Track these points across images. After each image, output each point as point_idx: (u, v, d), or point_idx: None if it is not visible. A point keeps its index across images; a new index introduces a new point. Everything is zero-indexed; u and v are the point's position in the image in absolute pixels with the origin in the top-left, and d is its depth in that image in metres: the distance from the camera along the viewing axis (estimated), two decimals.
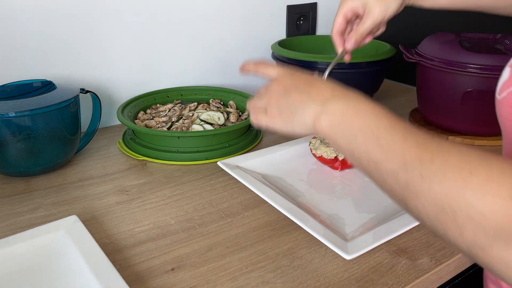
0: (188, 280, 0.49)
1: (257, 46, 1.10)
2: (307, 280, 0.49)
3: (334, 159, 0.71)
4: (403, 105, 1.06)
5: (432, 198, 0.34)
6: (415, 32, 0.70)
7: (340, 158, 0.71)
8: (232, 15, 1.03)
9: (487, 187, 0.32)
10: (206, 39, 1.01)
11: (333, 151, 0.69)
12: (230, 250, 0.54)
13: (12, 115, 0.65)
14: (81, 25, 0.85)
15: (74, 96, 0.72)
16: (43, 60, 0.83)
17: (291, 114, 0.49)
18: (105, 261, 0.49)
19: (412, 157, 0.37)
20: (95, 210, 0.63)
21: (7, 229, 0.58)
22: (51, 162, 0.72)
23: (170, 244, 0.56)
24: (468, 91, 0.80)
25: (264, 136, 0.88)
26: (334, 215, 0.61)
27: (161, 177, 0.72)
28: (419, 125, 0.91)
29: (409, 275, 0.50)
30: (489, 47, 0.83)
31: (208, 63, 1.04)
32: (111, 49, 0.90)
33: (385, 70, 0.98)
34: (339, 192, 0.68)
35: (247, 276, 0.50)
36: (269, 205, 0.63)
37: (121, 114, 0.80)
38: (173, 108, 0.90)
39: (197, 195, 0.67)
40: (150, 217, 0.61)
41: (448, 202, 0.33)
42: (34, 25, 0.80)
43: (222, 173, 0.73)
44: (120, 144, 0.82)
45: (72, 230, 0.54)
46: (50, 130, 0.69)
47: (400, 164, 0.37)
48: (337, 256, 0.53)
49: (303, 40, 1.13)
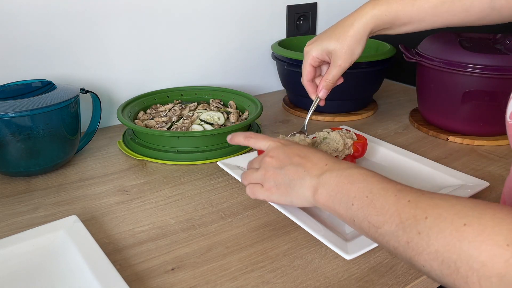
0: (188, 280, 0.49)
1: (257, 46, 1.10)
2: (307, 280, 0.49)
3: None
4: (403, 105, 1.06)
5: (433, 253, 0.35)
6: (415, 32, 0.70)
7: (341, 159, 0.71)
8: (232, 15, 1.03)
9: (483, 237, 0.32)
10: (206, 39, 1.01)
11: (333, 151, 0.69)
12: (230, 250, 0.54)
13: (12, 115, 0.65)
14: (81, 25, 0.85)
15: (74, 96, 0.72)
16: (43, 60, 0.83)
17: (288, 188, 0.52)
18: (105, 261, 0.49)
19: (407, 216, 0.38)
20: (95, 210, 0.63)
21: (7, 229, 0.58)
22: (51, 162, 0.72)
23: (170, 244, 0.56)
24: (468, 91, 0.80)
25: None
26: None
27: (161, 177, 0.72)
28: (419, 125, 0.91)
29: (409, 275, 0.50)
30: (489, 47, 0.83)
31: (208, 63, 1.04)
32: (111, 49, 0.90)
33: (385, 70, 0.98)
34: None
35: (247, 276, 0.50)
36: (269, 205, 0.63)
37: (121, 114, 0.80)
38: (173, 108, 0.90)
39: (197, 195, 0.67)
40: (150, 217, 0.61)
41: (448, 255, 0.34)
42: (34, 25, 0.80)
43: (222, 173, 0.73)
44: (120, 144, 0.82)
45: (72, 230, 0.54)
46: (50, 130, 0.69)
47: (398, 224, 0.39)
48: (337, 256, 0.53)
49: (303, 40, 1.12)
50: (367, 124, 0.95)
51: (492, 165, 0.76)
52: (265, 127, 0.93)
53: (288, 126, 0.94)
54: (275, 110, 1.04)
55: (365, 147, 0.72)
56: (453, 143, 0.85)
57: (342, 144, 0.68)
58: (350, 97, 0.98)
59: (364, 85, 0.97)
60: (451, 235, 0.34)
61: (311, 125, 0.94)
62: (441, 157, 0.79)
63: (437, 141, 0.86)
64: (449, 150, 0.82)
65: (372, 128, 0.93)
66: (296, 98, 1.03)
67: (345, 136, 0.70)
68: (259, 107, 0.85)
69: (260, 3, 1.07)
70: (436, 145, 0.84)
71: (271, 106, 1.07)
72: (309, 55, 0.68)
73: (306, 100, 1.00)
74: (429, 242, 0.35)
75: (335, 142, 0.69)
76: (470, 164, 0.76)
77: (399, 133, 0.90)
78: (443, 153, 0.80)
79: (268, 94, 1.16)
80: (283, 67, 0.99)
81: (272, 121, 0.97)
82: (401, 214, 0.39)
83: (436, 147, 0.83)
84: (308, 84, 0.71)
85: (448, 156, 0.79)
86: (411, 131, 0.91)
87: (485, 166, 0.75)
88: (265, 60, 1.13)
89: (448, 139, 0.86)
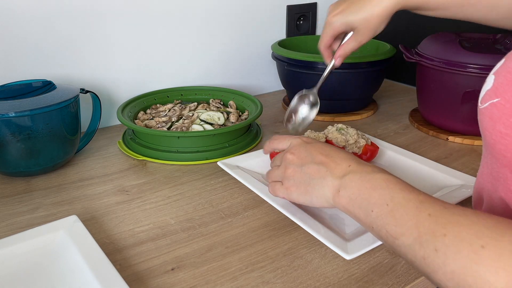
0: (188, 280, 0.49)
1: (257, 46, 1.10)
2: (307, 280, 0.49)
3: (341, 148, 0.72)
4: (403, 105, 1.06)
5: (448, 273, 0.34)
6: (415, 32, 0.70)
7: None
8: (232, 15, 1.03)
9: (500, 262, 0.32)
10: (206, 39, 1.01)
11: (344, 140, 0.71)
12: (230, 250, 0.54)
13: (12, 115, 0.65)
14: (81, 25, 0.85)
15: (74, 96, 0.72)
16: (43, 60, 0.83)
17: (308, 186, 0.51)
18: (105, 261, 0.49)
19: (426, 231, 0.37)
20: (95, 210, 0.63)
21: (7, 229, 0.58)
22: (51, 162, 0.72)
23: (170, 244, 0.56)
24: (468, 91, 0.80)
25: (264, 136, 0.88)
26: (334, 215, 0.61)
27: (161, 177, 0.72)
28: (419, 125, 0.91)
29: (409, 275, 0.50)
30: (489, 47, 0.83)
31: (208, 63, 1.04)
32: (111, 49, 0.90)
33: (385, 70, 0.98)
34: None
35: (247, 276, 0.50)
36: (269, 205, 0.63)
37: (121, 114, 0.80)
38: (173, 108, 0.90)
39: (197, 195, 0.67)
40: (150, 217, 0.61)
41: (464, 278, 0.33)
42: (34, 25, 0.80)
43: (222, 173, 0.73)
44: (120, 144, 0.82)
45: (72, 230, 0.54)
46: (50, 130, 0.69)
47: (416, 238, 0.38)
48: (337, 256, 0.53)
49: (303, 40, 1.13)
50: (367, 124, 0.95)
51: None
52: (265, 127, 0.93)
53: None
54: (275, 110, 1.04)
55: (375, 154, 0.74)
56: (453, 143, 0.85)
57: (354, 140, 0.71)
58: (350, 97, 0.98)
59: (364, 85, 0.97)
60: (469, 257, 0.33)
61: (312, 125, 0.94)
62: (441, 157, 0.79)
63: (437, 141, 0.86)
64: (449, 150, 0.82)
65: (372, 128, 0.93)
66: None
67: (361, 136, 0.73)
68: (259, 107, 0.85)
69: (260, 3, 1.07)
70: (436, 145, 0.84)
71: (271, 106, 1.07)
72: (332, 27, 0.67)
73: None
74: (445, 261, 0.35)
75: (350, 135, 0.72)
76: (470, 164, 0.76)
77: (399, 133, 0.90)
78: (443, 153, 0.80)
79: (268, 94, 1.16)
80: (283, 67, 0.99)
81: (272, 121, 0.97)
82: (419, 228, 0.38)
83: (436, 147, 0.83)
84: (324, 50, 0.71)
85: (448, 156, 0.79)
86: (411, 131, 0.91)
87: None
88: (265, 60, 1.13)
89: (448, 139, 0.86)
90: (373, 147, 0.73)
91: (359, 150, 0.72)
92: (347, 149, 0.72)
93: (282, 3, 1.11)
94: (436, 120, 0.89)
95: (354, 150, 0.72)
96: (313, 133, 0.73)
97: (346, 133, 0.73)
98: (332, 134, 0.73)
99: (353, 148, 0.72)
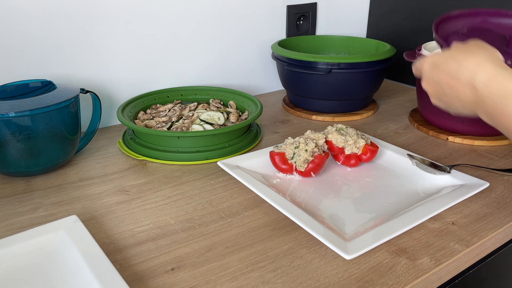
0: (188, 280, 0.49)
1: (257, 46, 1.10)
2: (307, 280, 0.49)
3: (340, 149, 0.73)
4: (403, 105, 1.06)
5: None
6: (415, 32, 0.70)
7: (346, 152, 0.73)
8: (232, 15, 1.03)
9: None
10: (206, 39, 1.01)
11: (343, 140, 0.71)
12: (230, 250, 0.54)
13: (12, 115, 0.65)
14: (81, 25, 0.85)
15: (74, 96, 0.72)
16: (43, 60, 0.83)
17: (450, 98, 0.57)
18: (105, 261, 0.49)
19: None
20: (95, 210, 0.63)
21: (7, 229, 0.58)
22: (51, 162, 0.72)
23: (170, 244, 0.56)
24: None
25: (264, 136, 0.89)
26: (334, 215, 0.61)
27: (161, 177, 0.72)
28: (419, 125, 0.91)
29: (409, 275, 0.50)
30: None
31: (208, 63, 1.04)
32: (111, 49, 0.90)
33: (385, 70, 0.98)
34: (339, 192, 0.68)
35: (247, 276, 0.50)
36: (269, 205, 0.63)
37: (121, 114, 0.80)
38: (173, 108, 0.90)
39: (197, 195, 0.67)
40: (150, 217, 0.61)
41: None
42: (34, 25, 0.80)
43: (222, 173, 0.73)
44: (120, 144, 0.82)
45: (72, 230, 0.54)
46: (50, 130, 0.69)
47: None
48: (337, 256, 0.53)
49: (303, 40, 1.13)
50: (367, 124, 0.95)
51: (492, 165, 0.76)
52: (265, 127, 0.93)
53: (288, 126, 0.94)
54: (275, 110, 1.04)
55: (374, 154, 0.74)
56: (453, 143, 0.85)
57: (354, 140, 0.72)
58: (350, 97, 0.98)
59: (364, 85, 0.97)
60: None
61: (312, 125, 0.95)
62: (441, 157, 0.79)
63: (437, 141, 0.86)
64: (449, 150, 0.82)
65: (372, 128, 0.93)
66: (296, 98, 1.03)
67: (361, 136, 0.74)
68: (259, 107, 0.85)
69: (260, 3, 1.07)
70: (436, 145, 0.84)
71: (271, 106, 1.07)
72: None
73: (306, 100, 1.00)
74: None
75: (349, 135, 0.73)
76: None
77: (399, 133, 0.90)
78: (443, 153, 0.80)
79: (268, 94, 1.16)
80: (283, 67, 0.99)
81: (272, 121, 0.97)
82: None
83: (436, 147, 0.83)
84: None
85: (448, 156, 0.79)
86: (411, 131, 0.91)
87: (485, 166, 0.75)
88: (265, 60, 1.13)
89: (448, 139, 0.86)
90: (373, 147, 0.73)
91: (358, 150, 0.72)
92: (346, 149, 0.73)
93: (282, 3, 1.11)
94: (436, 120, 0.89)
95: (353, 150, 0.72)
96: (313, 133, 0.73)
97: (345, 133, 0.73)
98: (331, 135, 0.73)
99: (353, 148, 0.72)
